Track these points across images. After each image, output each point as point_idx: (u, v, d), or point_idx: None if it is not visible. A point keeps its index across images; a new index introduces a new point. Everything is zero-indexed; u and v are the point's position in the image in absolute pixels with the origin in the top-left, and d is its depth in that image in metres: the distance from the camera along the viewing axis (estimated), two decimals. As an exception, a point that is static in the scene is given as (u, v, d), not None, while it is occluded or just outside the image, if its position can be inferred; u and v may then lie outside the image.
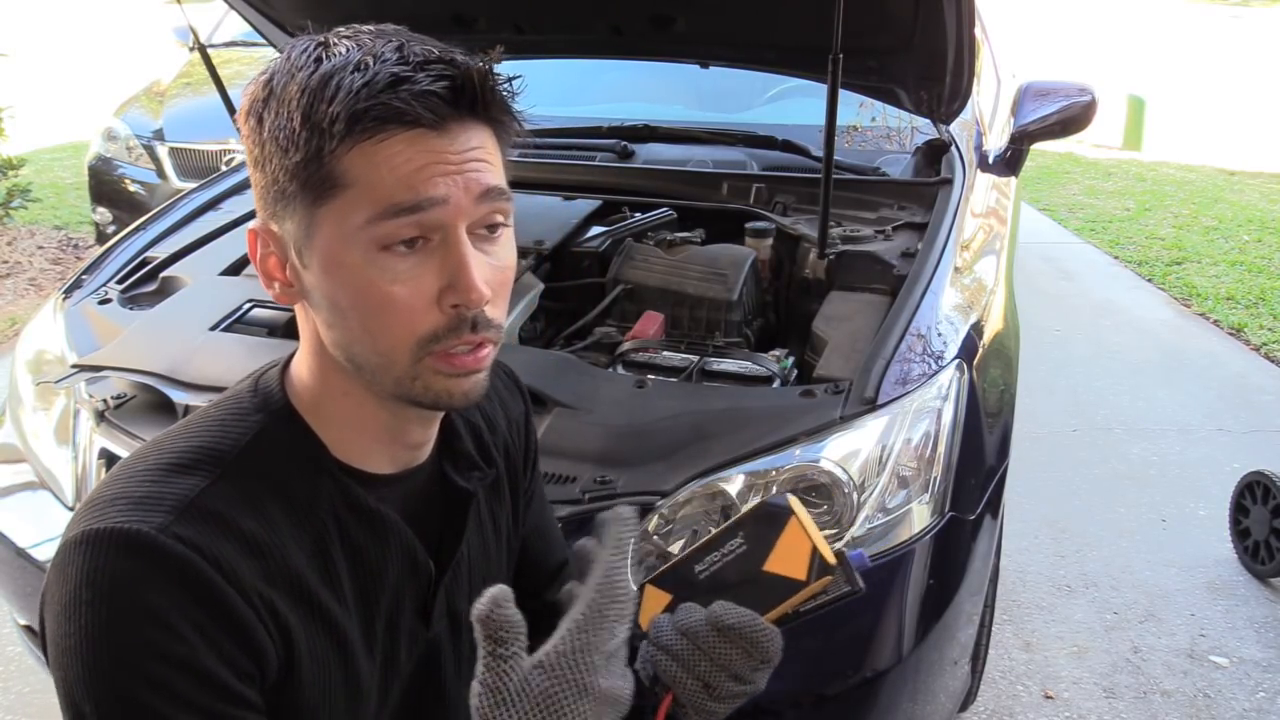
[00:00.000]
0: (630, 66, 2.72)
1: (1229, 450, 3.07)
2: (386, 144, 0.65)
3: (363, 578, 0.77)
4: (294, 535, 0.71)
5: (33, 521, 1.55)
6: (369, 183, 0.65)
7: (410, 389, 0.70)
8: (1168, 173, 7.00)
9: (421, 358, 0.69)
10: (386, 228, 0.66)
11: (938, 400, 1.41)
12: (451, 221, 0.67)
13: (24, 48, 11.62)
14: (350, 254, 0.67)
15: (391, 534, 0.78)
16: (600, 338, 1.75)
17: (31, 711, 1.98)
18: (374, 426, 0.75)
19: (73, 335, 1.72)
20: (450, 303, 0.68)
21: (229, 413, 0.74)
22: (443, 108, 0.66)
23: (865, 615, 1.28)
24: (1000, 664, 2.12)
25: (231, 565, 0.67)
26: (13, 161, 4.76)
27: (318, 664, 0.73)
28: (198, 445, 0.71)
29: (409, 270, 0.67)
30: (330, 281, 0.68)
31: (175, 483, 0.68)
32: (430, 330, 0.68)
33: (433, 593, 0.84)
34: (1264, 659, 2.17)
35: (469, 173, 0.67)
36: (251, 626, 0.67)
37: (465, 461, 0.85)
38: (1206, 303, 4.41)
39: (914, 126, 2.52)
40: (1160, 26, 13.90)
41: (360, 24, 0.71)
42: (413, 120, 0.65)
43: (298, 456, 0.73)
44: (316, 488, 0.73)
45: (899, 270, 1.75)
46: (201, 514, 0.67)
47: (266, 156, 0.68)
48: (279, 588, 0.70)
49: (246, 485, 0.70)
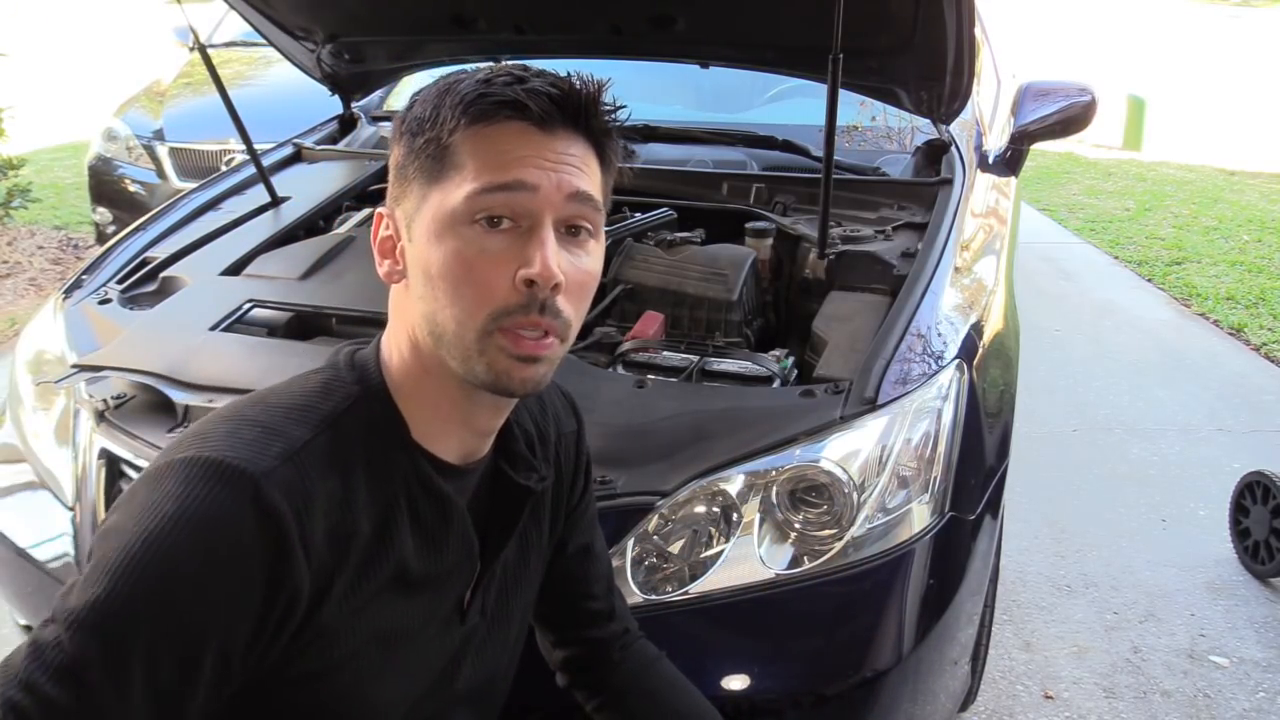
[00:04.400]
0: (630, 66, 2.71)
1: (1229, 450, 3.07)
2: (496, 130, 0.73)
3: (421, 555, 0.80)
4: (368, 501, 0.75)
5: (33, 521, 1.55)
6: (475, 163, 0.73)
7: (476, 364, 0.74)
8: (1168, 173, 7.00)
9: (491, 331, 0.73)
10: (483, 201, 0.73)
11: (938, 400, 1.41)
12: (539, 209, 0.74)
13: (24, 48, 11.60)
14: (449, 225, 0.73)
15: (455, 520, 0.82)
16: (600, 338, 1.75)
17: (31, 711, 1.98)
18: (449, 408, 0.79)
19: (73, 335, 1.72)
20: (524, 279, 0.73)
21: (330, 379, 0.79)
22: (549, 108, 0.74)
23: (865, 615, 1.28)
24: (1000, 664, 2.12)
25: (312, 524, 0.70)
26: (13, 161, 4.76)
27: (353, 633, 0.76)
28: (304, 402, 0.76)
29: (494, 245, 0.73)
30: (427, 250, 0.74)
31: (285, 432, 0.73)
32: (503, 304, 0.73)
33: (474, 588, 0.87)
34: (1264, 659, 2.17)
35: (564, 172, 0.74)
36: (298, 590, 0.70)
37: (523, 463, 0.89)
38: (1206, 303, 4.41)
39: (914, 126, 2.52)
40: (1160, 26, 13.90)
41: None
42: (521, 111, 0.73)
43: (383, 429, 0.78)
44: (395, 461, 0.78)
45: (899, 270, 1.75)
46: (303, 464, 0.71)
47: (400, 144, 0.77)
48: (340, 549, 0.73)
49: (341, 445, 0.74)
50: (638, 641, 1.08)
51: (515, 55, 2.29)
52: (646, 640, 1.09)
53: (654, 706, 1.05)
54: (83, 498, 1.48)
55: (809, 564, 1.27)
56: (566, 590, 1.04)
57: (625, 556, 1.27)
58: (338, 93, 2.56)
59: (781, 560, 1.28)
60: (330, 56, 2.36)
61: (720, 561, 1.27)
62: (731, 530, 1.30)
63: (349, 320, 1.69)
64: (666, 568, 1.29)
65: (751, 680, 1.23)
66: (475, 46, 2.34)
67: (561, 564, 1.02)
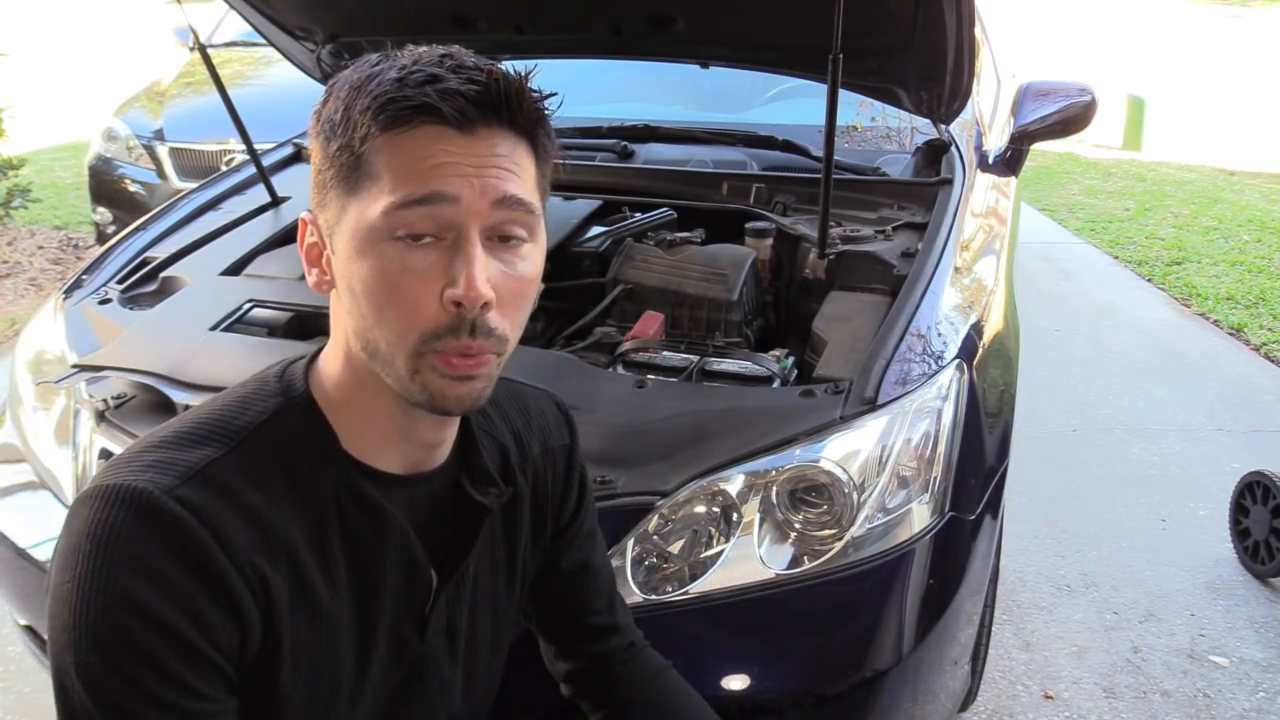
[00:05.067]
0: (630, 66, 2.72)
1: (1229, 450, 3.07)
2: (410, 136, 0.68)
3: (358, 568, 0.77)
4: (295, 515, 0.73)
5: (33, 521, 1.55)
6: (392, 173, 0.68)
7: (410, 386, 0.71)
8: (1168, 173, 7.00)
9: (423, 353, 0.70)
10: (401, 217, 0.68)
11: (938, 400, 1.41)
12: (463, 221, 0.69)
13: (24, 48, 11.61)
14: (368, 241, 0.69)
15: (391, 529, 0.78)
16: (600, 338, 1.75)
17: (31, 711, 1.98)
18: (386, 422, 0.76)
19: (73, 335, 1.72)
20: (452, 300, 0.69)
21: (252, 393, 0.77)
22: (468, 109, 0.68)
23: (865, 615, 1.28)
24: (1000, 664, 2.12)
25: (229, 534, 0.69)
26: (13, 161, 4.76)
27: (300, 645, 0.74)
28: (216, 419, 0.74)
29: (418, 263, 0.69)
30: (349, 267, 0.71)
31: (188, 451, 0.71)
32: (431, 326, 0.69)
33: (431, 604, 0.83)
34: (1264, 659, 2.17)
35: (487, 176, 0.69)
36: (239, 597, 0.69)
37: (482, 477, 0.85)
38: (1206, 303, 4.41)
39: (914, 126, 2.52)
40: (1160, 26, 13.89)
41: (394, 36, 0.74)
42: (436, 115, 0.68)
43: (308, 442, 0.75)
44: (321, 473, 0.75)
45: (899, 270, 1.75)
46: (208, 482, 0.69)
47: (317, 147, 0.73)
48: (273, 561, 0.71)
49: (255, 461, 0.72)
50: (643, 652, 1.05)
51: (515, 55, 2.29)
52: (653, 651, 1.06)
53: (659, 719, 1.02)
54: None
55: (809, 564, 1.27)
56: (565, 606, 1.01)
57: (625, 556, 1.27)
58: (338, 93, 2.56)
59: (781, 560, 1.28)
60: (330, 56, 2.36)
61: (720, 561, 1.27)
62: (731, 530, 1.30)
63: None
64: (666, 568, 1.29)
65: (751, 680, 1.23)
66: (475, 47, 2.33)
67: (557, 581, 0.99)
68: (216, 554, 0.68)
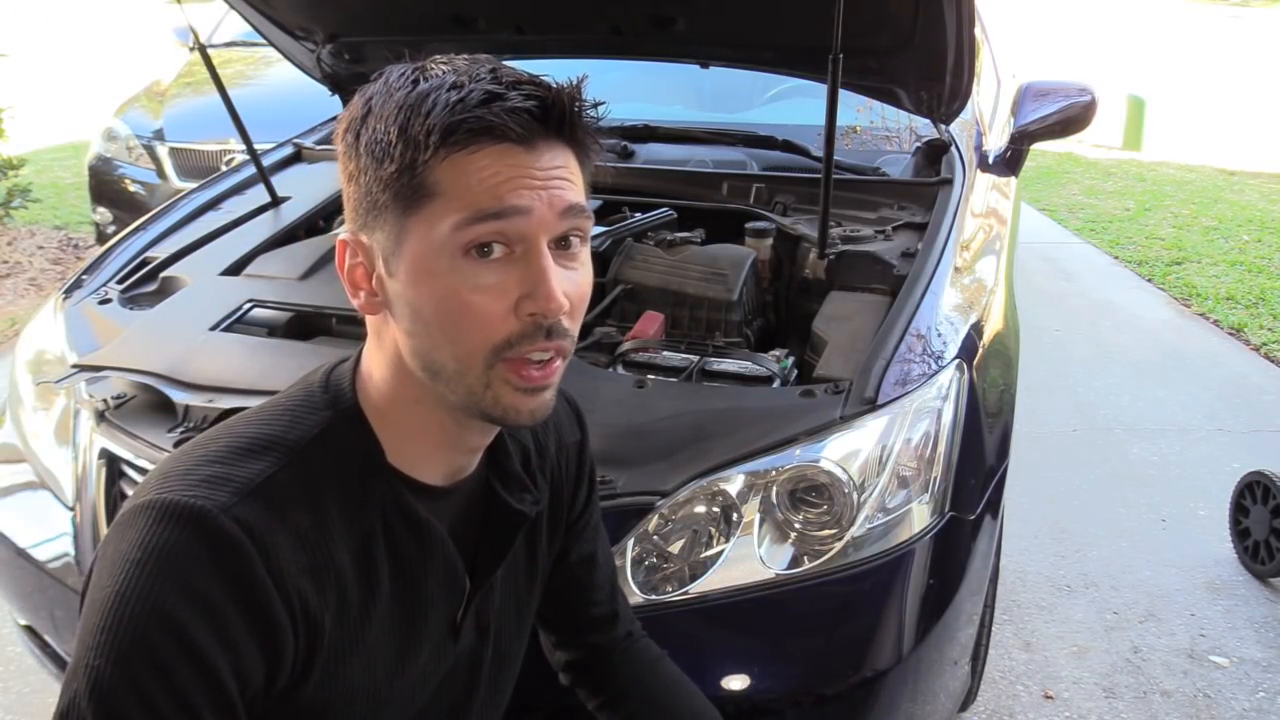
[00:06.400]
0: (630, 66, 2.72)
1: (1229, 450, 3.07)
2: (476, 156, 0.68)
3: (402, 583, 0.78)
4: (343, 532, 0.73)
5: (33, 521, 1.55)
6: (458, 191, 0.68)
7: (481, 399, 0.72)
8: (1168, 173, 6.99)
9: (494, 364, 0.71)
10: (471, 233, 0.68)
11: (938, 400, 1.41)
12: (534, 233, 0.70)
13: (24, 48, 11.61)
14: (436, 261, 0.69)
15: (435, 545, 0.79)
16: (600, 338, 1.75)
17: (31, 711, 1.98)
18: (438, 432, 0.77)
19: (73, 335, 1.72)
20: (528, 311, 0.70)
21: (300, 404, 0.76)
22: (532, 125, 0.69)
23: (865, 615, 1.28)
24: (1000, 664, 2.12)
25: (279, 556, 0.68)
26: (13, 161, 4.76)
27: (342, 662, 0.74)
28: (269, 433, 0.73)
29: (491, 277, 0.69)
30: (415, 289, 0.70)
31: (244, 465, 0.70)
32: (505, 336, 0.70)
33: (465, 608, 0.85)
34: (1264, 659, 2.17)
35: (553, 189, 0.70)
36: (278, 627, 0.69)
37: (515, 482, 0.86)
38: (1206, 303, 4.40)
39: (914, 127, 2.52)
40: (1160, 26, 13.90)
41: (438, 49, 0.74)
42: (502, 134, 0.68)
43: (358, 457, 0.75)
44: (370, 489, 0.75)
45: (899, 270, 1.75)
46: (264, 500, 0.69)
47: (361, 169, 0.71)
48: (318, 582, 0.71)
49: (308, 477, 0.72)
50: (640, 642, 1.08)
51: (515, 55, 2.29)
52: (649, 640, 1.09)
53: (655, 708, 1.05)
54: (83, 498, 1.48)
55: (809, 564, 1.27)
56: (569, 597, 1.03)
57: (625, 556, 1.27)
58: (338, 93, 2.56)
59: (781, 560, 1.28)
60: (330, 56, 2.36)
61: (720, 561, 1.27)
62: (731, 530, 1.30)
63: (349, 320, 1.69)
64: (666, 568, 1.29)
65: (751, 680, 1.23)
66: (475, 47, 2.34)
67: (563, 572, 1.01)
68: (264, 581, 0.67)
